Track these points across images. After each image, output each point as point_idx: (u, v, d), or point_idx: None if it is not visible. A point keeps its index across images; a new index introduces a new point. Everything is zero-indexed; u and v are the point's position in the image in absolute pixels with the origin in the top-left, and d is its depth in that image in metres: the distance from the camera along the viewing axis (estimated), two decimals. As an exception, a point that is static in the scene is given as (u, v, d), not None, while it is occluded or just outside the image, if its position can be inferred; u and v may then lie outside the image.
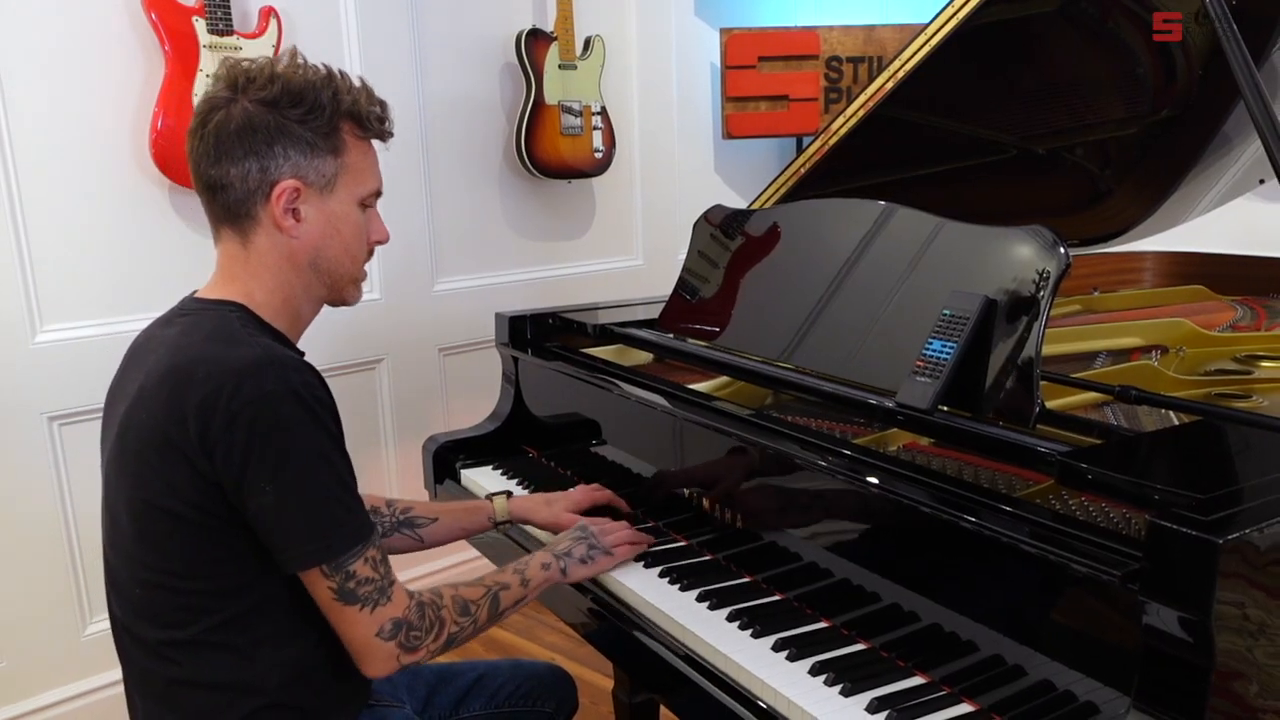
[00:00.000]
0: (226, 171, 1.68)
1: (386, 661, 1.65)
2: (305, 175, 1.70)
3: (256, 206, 1.70)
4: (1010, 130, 2.86)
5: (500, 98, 4.08)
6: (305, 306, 1.81)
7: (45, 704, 3.13)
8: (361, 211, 1.79)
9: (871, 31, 4.72)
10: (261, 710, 1.66)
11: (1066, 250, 1.78)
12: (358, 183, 1.76)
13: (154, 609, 1.65)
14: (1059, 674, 1.47)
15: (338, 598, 1.60)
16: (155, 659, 1.67)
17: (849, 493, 1.80)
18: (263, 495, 1.55)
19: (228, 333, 1.64)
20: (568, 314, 2.87)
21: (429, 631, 1.68)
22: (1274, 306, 3.04)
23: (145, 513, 1.62)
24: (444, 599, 1.74)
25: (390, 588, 1.65)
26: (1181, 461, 1.60)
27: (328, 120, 1.70)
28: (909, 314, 1.99)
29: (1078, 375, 2.12)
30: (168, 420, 1.57)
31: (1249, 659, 1.29)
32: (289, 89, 1.67)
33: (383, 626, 1.63)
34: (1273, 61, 2.59)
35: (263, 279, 1.74)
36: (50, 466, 3.07)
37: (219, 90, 1.69)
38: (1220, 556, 1.21)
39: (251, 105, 1.66)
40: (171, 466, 1.57)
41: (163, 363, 1.63)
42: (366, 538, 1.63)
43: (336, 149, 1.72)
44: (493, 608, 1.82)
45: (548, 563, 1.97)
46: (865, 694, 1.60)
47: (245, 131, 1.66)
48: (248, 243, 1.73)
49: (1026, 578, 1.51)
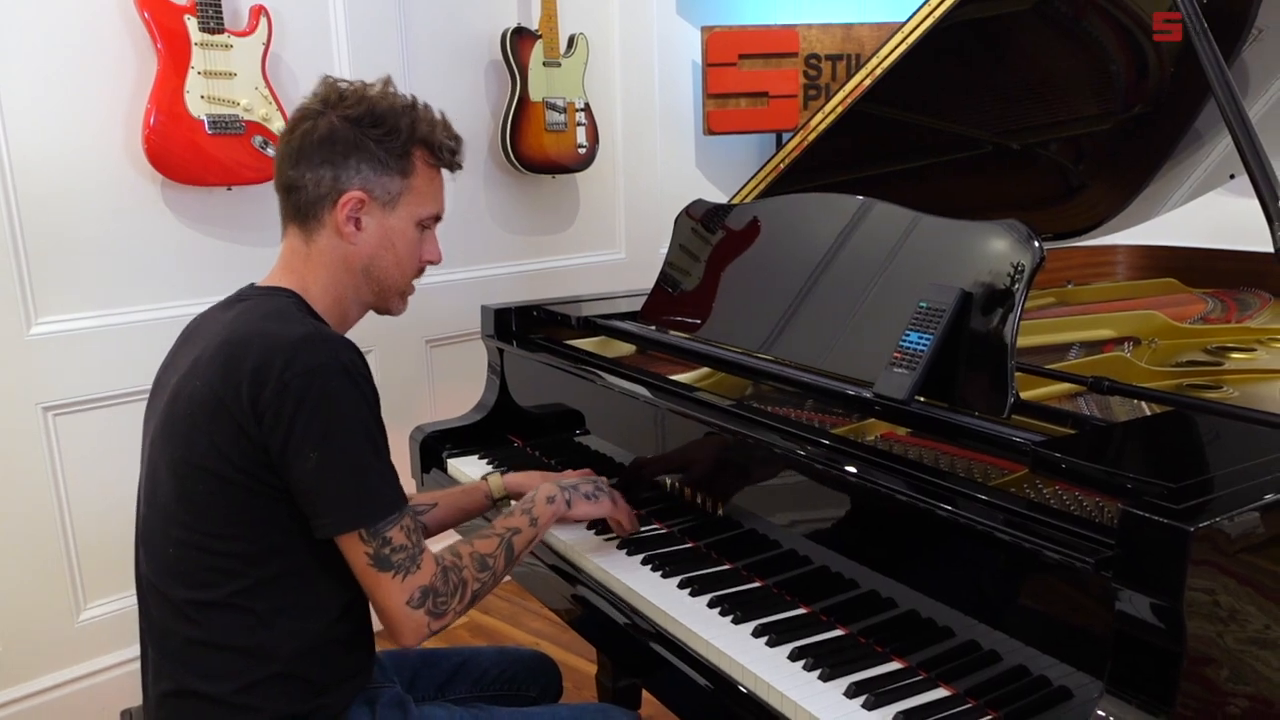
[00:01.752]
0: (302, 174, 1.79)
1: (418, 630, 1.69)
2: (372, 189, 1.80)
3: (323, 210, 1.80)
4: (985, 126, 2.86)
5: (486, 94, 4.07)
6: (353, 308, 1.91)
7: (39, 689, 3.12)
8: (419, 231, 1.89)
9: (850, 30, 4.72)
10: (272, 678, 1.69)
11: (1041, 244, 1.78)
12: (419, 205, 1.87)
13: (184, 568, 1.69)
14: (1033, 659, 1.47)
15: (373, 563, 1.65)
16: (178, 618, 1.70)
17: (828, 481, 1.80)
18: (306, 461, 1.60)
19: (283, 313, 1.74)
20: (552, 306, 2.86)
21: (454, 594, 1.73)
22: (1244, 299, 3.04)
23: (189, 473, 1.67)
24: (463, 558, 1.78)
25: (420, 555, 1.70)
26: (1153, 451, 1.60)
27: (402, 144, 1.82)
28: (886, 306, 1.98)
29: (1052, 366, 2.12)
30: (223, 386, 1.63)
31: (1219, 644, 1.29)
32: (374, 111, 1.80)
33: (412, 595, 1.67)
34: (1243, 59, 2.59)
35: (319, 275, 1.84)
36: (45, 456, 3.05)
37: (313, 103, 1.82)
38: (1191, 544, 1.21)
39: (338, 120, 1.78)
40: (220, 430, 1.63)
41: (219, 337, 1.70)
42: (402, 506, 1.68)
43: (405, 171, 1.83)
44: (508, 555, 1.87)
45: (553, 495, 2.03)
46: (843, 679, 1.60)
47: (327, 142, 1.78)
48: (310, 241, 1.83)
49: (1001, 565, 1.51)
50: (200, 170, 3.14)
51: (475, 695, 2.14)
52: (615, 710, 2.00)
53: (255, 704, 1.68)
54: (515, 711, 1.95)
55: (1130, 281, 3.42)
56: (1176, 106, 2.75)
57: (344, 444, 1.62)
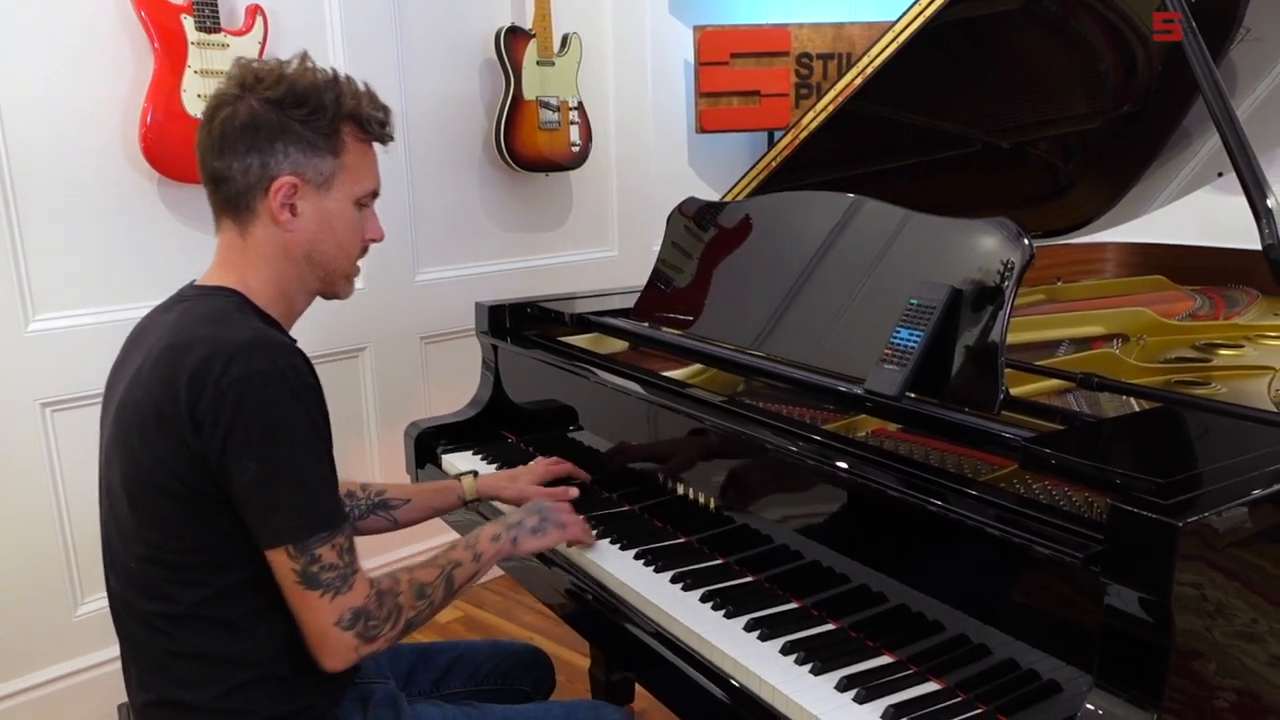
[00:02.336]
0: (229, 164, 1.70)
1: (345, 653, 1.63)
2: (304, 173, 1.70)
3: (255, 199, 1.71)
4: (975, 125, 2.86)
5: (480, 93, 4.06)
6: (299, 297, 1.81)
7: (38, 682, 3.12)
8: (357, 210, 1.79)
9: (841, 29, 4.72)
10: (252, 683, 1.66)
11: (1030, 241, 1.78)
12: (355, 182, 1.77)
13: (148, 582, 1.65)
14: (1023, 653, 1.47)
15: (300, 580, 1.58)
16: (149, 630, 1.66)
17: (819, 477, 1.80)
18: (244, 471, 1.55)
19: (222, 315, 1.65)
20: (546, 303, 2.86)
21: (387, 620, 1.66)
22: (1232, 296, 3.05)
23: (140, 488, 1.62)
24: (400, 584, 1.72)
25: (353, 576, 1.62)
26: (1142, 447, 1.59)
27: (329, 122, 1.71)
28: (877, 303, 1.98)
29: (1041, 363, 2.12)
30: (162, 396, 1.57)
31: (1207, 639, 1.29)
32: (294, 90, 1.69)
33: (342, 616, 1.61)
34: (1230, 58, 2.59)
35: (258, 269, 1.75)
36: (43, 451, 3.05)
37: (229, 87, 1.71)
38: (1180, 539, 1.21)
39: (258, 104, 1.68)
40: (164, 441, 1.57)
41: (160, 343, 1.63)
42: (336, 525, 1.61)
43: (336, 149, 1.73)
44: (448, 587, 1.81)
45: (497, 534, 1.95)
46: (835, 672, 1.60)
47: (249, 128, 1.67)
48: (246, 233, 1.74)
49: (991, 559, 1.51)
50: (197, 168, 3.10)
51: (469, 689, 2.13)
52: (607, 707, 1.99)
53: (237, 708, 1.65)
54: (508, 709, 1.94)
55: (1119, 279, 3.42)
56: (1165, 105, 2.75)
57: (278, 455, 1.56)
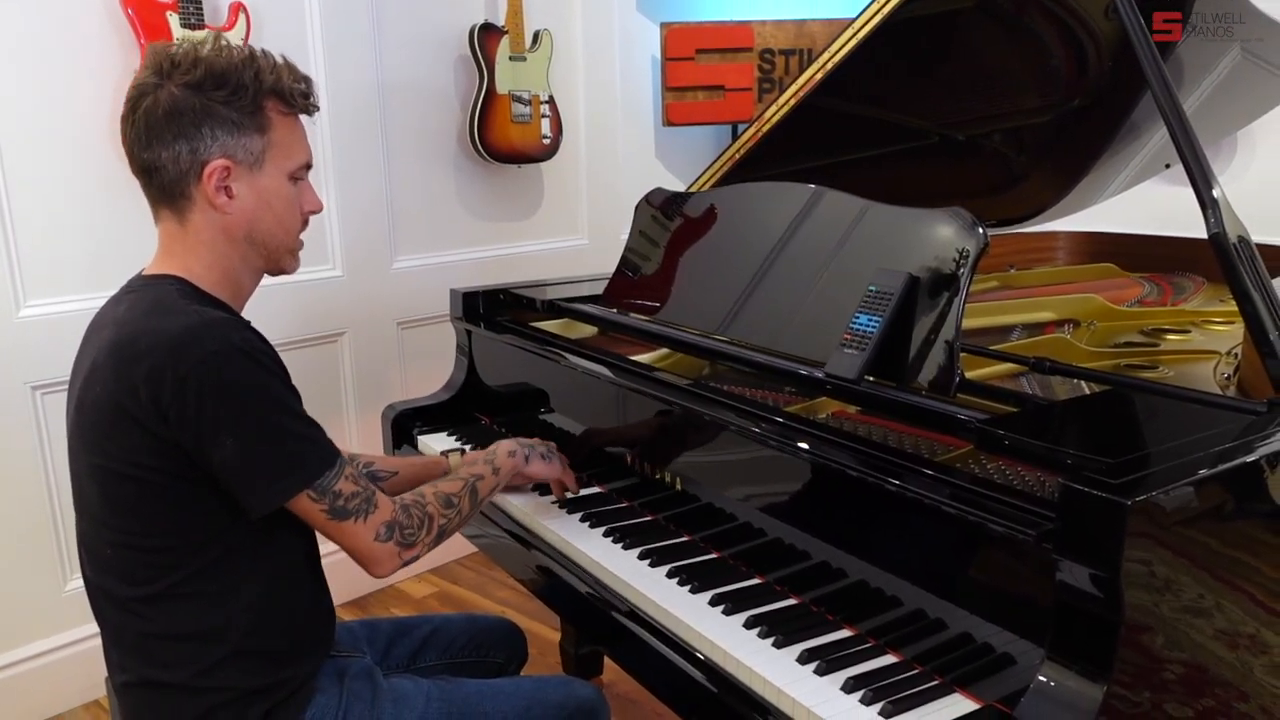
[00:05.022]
0: (158, 155, 1.66)
1: (390, 559, 1.69)
2: (234, 154, 1.66)
3: (190, 186, 1.67)
4: (932, 118, 2.86)
5: (454, 87, 4.05)
6: (245, 277, 1.78)
7: (28, 655, 3.12)
8: (292, 185, 1.75)
9: (802, 25, 4.71)
10: (229, 658, 1.64)
11: (985, 230, 1.77)
12: (286, 157, 1.73)
13: (124, 567, 1.64)
14: (978, 627, 1.46)
15: (331, 516, 1.63)
16: (127, 614, 1.65)
17: (781, 457, 1.79)
18: (224, 448, 1.54)
19: (166, 305, 1.62)
20: (518, 290, 2.84)
21: (421, 526, 1.73)
22: (1179, 283, 3.06)
23: (109, 480, 1.60)
24: (426, 497, 1.78)
25: (374, 496, 1.68)
26: (1092, 428, 1.59)
27: (251, 100, 1.66)
28: (837, 290, 1.97)
29: (995, 347, 2.12)
30: (119, 392, 1.55)
31: (1155, 613, 1.29)
32: (212, 71, 1.64)
33: (378, 531, 1.67)
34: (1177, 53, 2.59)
35: (200, 254, 1.71)
36: (33, 432, 3.06)
37: (146, 76, 1.66)
38: (1129, 517, 1.21)
39: (177, 89, 1.63)
40: (128, 435, 1.56)
41: (109, 339, 1.61)
42: (337, 456, 1.64)
43: (262, 126, 1.69)
44: (473, 497, 1.87)
45: (514, 450, 2.06)
46: (796, 646, 1.60)
47: (173, 115, 1.63)
48: (185, 221, 1.71)
49: (947, 537, 1.50)
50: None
51: (445, 662, 2.13)
52: (577, 682, 1.98)
53: (215, 684, 1.64)
54: (481, 683, 1.92)
55: (1070, 266, 3.44)
56: (1114, 99, 2.75)
57: (258, 422, 1.56)
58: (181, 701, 1.65)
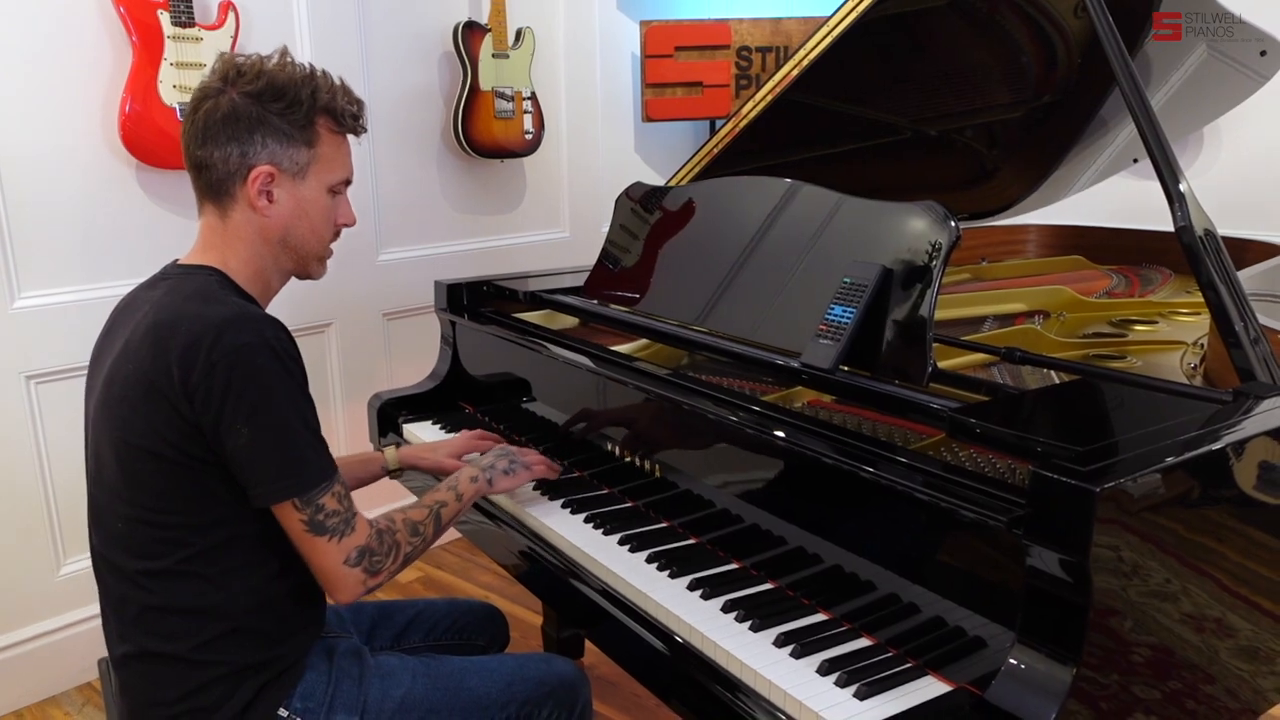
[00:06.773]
0: (210, 153, 1.71)
1: (355, 586, 1.68)
2: (280, 162, 1.72)
3: (235, 186, 1.72)
4: (905, 114, 2.85)
5: (439, 84, 4.04)
6: (274, 277, 1.83)
7: (22, 638, 3.12)
8: (330, 197, 1.81)
9: (778, 23, 4.70)
10: (227, 634, 1.67)
11: (956, 223, 1.77)
12: (328, 172, 1.79)
13: (133, 541, 1.66)
14: (950, 611, 1.46)
15: (309, 529, 1.62)
16: (131, 586, 1.67)
17: (758, 445, 1.78)
18: (238, 436, 1.57)
19: (206, 293, 1.67)
20: (501, 282, 2.83)
21: (388, 554, 1.72)
22: (1147, 275, 3.07)
23: (130, 454, 1.63)
24: (396, 523, 1.77)
25: (353, 518, 1.67)
26: (1062, 417, 1.59)
27: (305, 115, 1.73)
28: (813, 281, 1.96)
29: (967, 338, 2.12)
30: (153, 369, 1.59)
31: (1123, 597, 1.29)
32: (273, 84, 1.71)
33: (349, 555, 1.66)
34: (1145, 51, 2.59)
35: (237, 250, 1.76)
36: (28, 421, 3.05)
37: (213, 81, 1.72)
38: (1097, 503, 1.21)
39: (238, 97, 1.69)
40: (155, 411, 1.59)
41: (147, 319, 1.65)
42: (333, 475, 1.65)
43: (311, 141, 1.75)
44: (436, 524, 1.87)
45: (475, 476, 2.02)
46: (773, 629, 1.59)
47: (230, 120, 1.69)
48: (226, 217, 1.75)
49: (920, 523, 1.50)
50: (172, 155, 3.09)
51: (428, 644, 2.14)
52: (557, 659, 1.98)
53: (212, 659, 1.66)
54: (464, 660, 1.93)
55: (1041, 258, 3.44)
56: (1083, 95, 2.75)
57: (272, 419, 1.58)
58: (179, 673, 1.67)
